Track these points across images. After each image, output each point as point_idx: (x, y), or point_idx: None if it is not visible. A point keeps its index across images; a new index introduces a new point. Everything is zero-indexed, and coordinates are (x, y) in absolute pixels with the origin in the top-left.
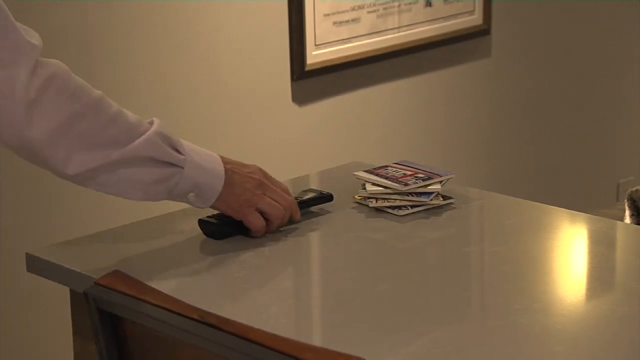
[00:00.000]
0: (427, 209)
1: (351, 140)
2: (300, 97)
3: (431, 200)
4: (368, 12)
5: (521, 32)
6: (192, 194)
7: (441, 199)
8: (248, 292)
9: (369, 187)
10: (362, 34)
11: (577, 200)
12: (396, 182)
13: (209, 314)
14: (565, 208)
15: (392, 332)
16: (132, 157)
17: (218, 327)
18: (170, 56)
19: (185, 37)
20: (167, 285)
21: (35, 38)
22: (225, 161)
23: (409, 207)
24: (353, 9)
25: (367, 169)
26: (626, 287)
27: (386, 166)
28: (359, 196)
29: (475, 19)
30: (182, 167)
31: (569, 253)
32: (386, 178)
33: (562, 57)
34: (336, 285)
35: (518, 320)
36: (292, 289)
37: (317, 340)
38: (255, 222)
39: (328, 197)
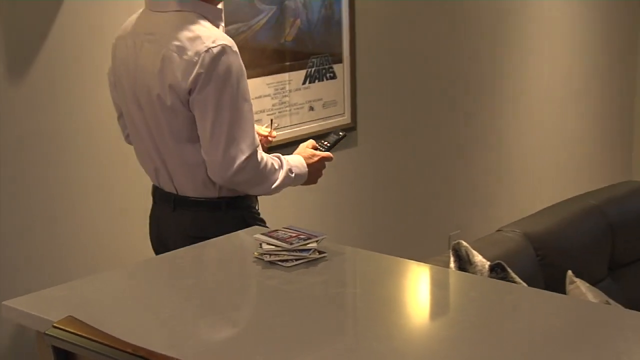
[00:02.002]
0: (307, 261)
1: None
2: None
3: (310, 254)
4: (267, 114)
5: (379, 128)
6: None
7: (317, 253)
8: (172, 328)
9: (265, 246)
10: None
11: (419, 250)
12: (284, 242)
13: (140, 347)
14: (411, 258)
15: (282, 351)
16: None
17: (146, 357)
18: None
19: None
20: (108, 326)
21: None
22: (305, 158)
23: (294, 260)
24: (256, 113)
25: (263, 232)
26: (447, 316)
27: (277, 230)
28: (258, 253)
29: (345, 118)
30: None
31: (409, 292)
32: (277, 239)
33: (408, 146)
34: (242, 318)
35: (371, 344)
36: (210, 324)
37: None
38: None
39: (344, 137)
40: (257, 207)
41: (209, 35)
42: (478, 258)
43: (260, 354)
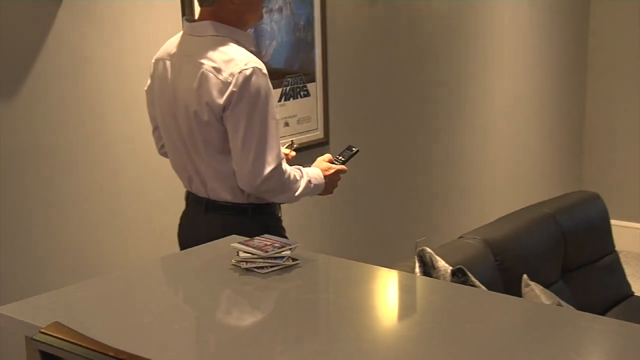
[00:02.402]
0: (281, 268)
1: None
2: None
3: (284, 262)
4: None
5: (350, 141)
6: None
7: (291, 261)
8: (153, 333)
9: (241, 254)
10: None
11: (388, 256)
12: (259, 250)
13: (121, 351)
14: (380, 263)
15: (258, 353)
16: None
17: None
18: None
19: None
20: (93, 331)
21: None
22: (322, 170)
23: (269, 267)
24: None
25: (240, 241)
26: (412, 319)
27: (253, 239)
28: (235, 260)
29: (318, 133)
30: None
31: (377, 297)
32: (253, 247)
33: (377, 159)
34: (219, 323)
35: (341, 346)
36: (189, 328)
37: None
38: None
39: (357, 152)
40: (280, 215)
41: (242, 58)
42: (441, 263)
43: (237, 356)
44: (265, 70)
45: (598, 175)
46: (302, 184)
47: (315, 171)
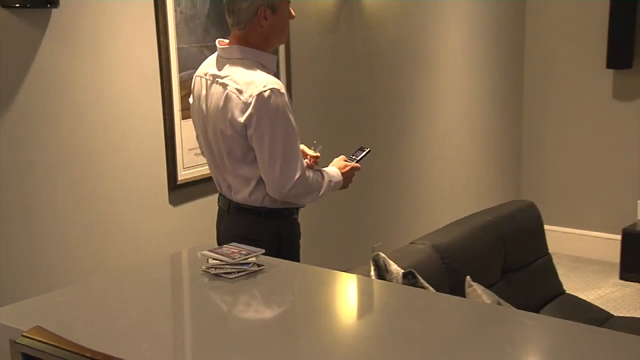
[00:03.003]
0: (248, 273)
1: (206, 230)
2: (175, 200)
3: (250, 267)
4: None
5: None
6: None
7: (256, 266)
8: (128, 335)
9: (211, 261)
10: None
11: (347, 260)
12: (227, 257)
13: (97, 352)
14: (340, 267)
15: (225, 351)
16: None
17: None
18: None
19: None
20: (72, 334)
21: None
22: (339, 168)
23: (236, 273)
24: None
25: (209, 249)
26: (368, 318)
27: (222, 247)
28: (205, 267)
29: None
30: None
31: (336, 299)
32: (221, 254)
33: None
34: (190, 325)
35: (303, 344)
36: (162, 330)
37: None
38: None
39: (369, 151)
40: (295, 216)
41: (261, 80)
42: (394, 267)
43: (207, 354)
44: (283, 90)
45: (533, 186)
46: (325, 185)
47: (333, 170)
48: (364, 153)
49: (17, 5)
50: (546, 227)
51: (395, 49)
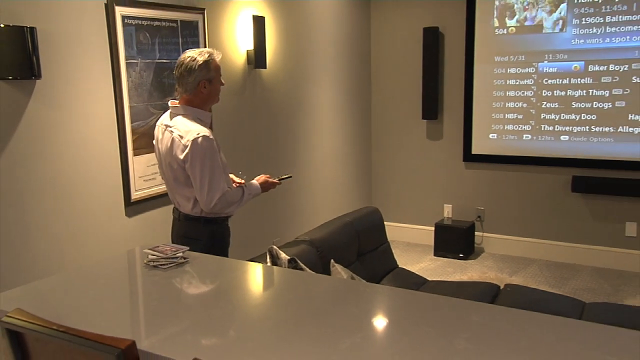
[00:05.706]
0: (177, 264)
1: (153, 234)
2: (130, 213)
3: (178, 260)
4: (158, 174)
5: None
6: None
7: (183, 259)
8: (87, 312)
9: (150, 256)
10: (158, 184)
11: (253, 251)
12: (162, 253)
13: (62, 325)
14: (247, 257)
15: (162, 315)
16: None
17: (66, 332)
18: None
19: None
20: (45, 313)
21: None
22: (260, 182)
23: (168, 264)
24: (154, 173)
25: (149, 248)
26: (261, 292)
27: (158, 246)
28: (146, 261)
29: None
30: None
31: (243, 282)
32: (157, 251)
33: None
34: (135, 303)
35: (214, 320)
36: (116, 307)
37: (129, 334)
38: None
39: (290, 177)
40: (226, 222)
41: (196, 129)
42: (283, 255)
43: (147, 320)
44: (211, 136)
45: (379, 195)
46: (242, 198)
47: (254, 183)
48: (286, 176)
49: (10, 77)
50: (386, 223)
51: (285, 100)
